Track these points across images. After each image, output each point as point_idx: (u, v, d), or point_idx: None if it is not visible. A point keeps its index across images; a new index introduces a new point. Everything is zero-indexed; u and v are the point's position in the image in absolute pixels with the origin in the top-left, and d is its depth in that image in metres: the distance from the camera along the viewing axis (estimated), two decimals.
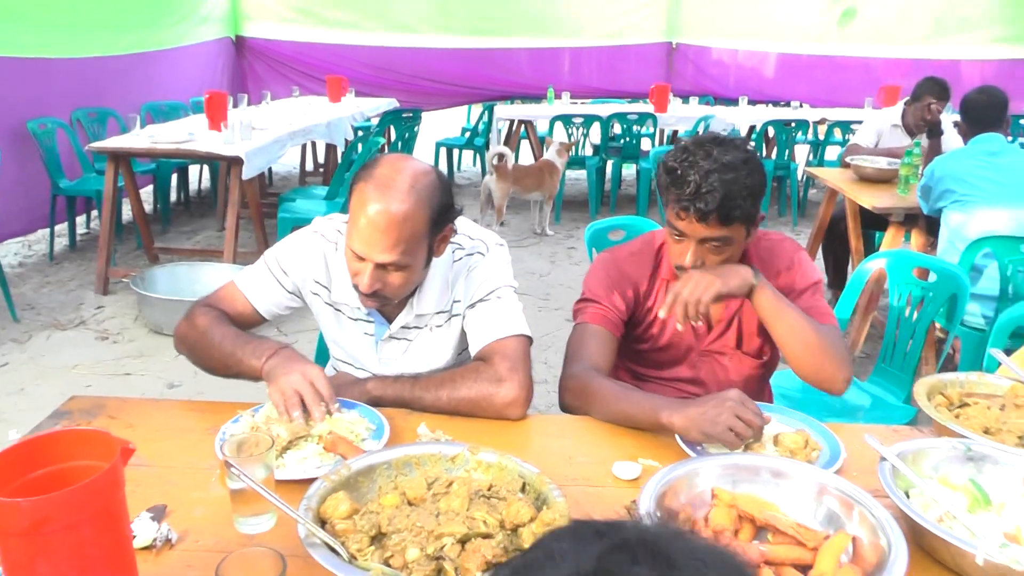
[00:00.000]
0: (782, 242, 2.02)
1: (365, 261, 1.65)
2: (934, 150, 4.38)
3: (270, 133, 5.52)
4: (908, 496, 1.44)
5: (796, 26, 9.49)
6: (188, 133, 5.30)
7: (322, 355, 2.32)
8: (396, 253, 1.63)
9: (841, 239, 4.66)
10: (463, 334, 1.88)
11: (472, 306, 1.85)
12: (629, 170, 8.32)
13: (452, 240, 1.82)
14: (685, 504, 1.35)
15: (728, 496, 1.36)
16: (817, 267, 2.05)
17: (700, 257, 1.80)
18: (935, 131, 4.59)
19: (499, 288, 1.85)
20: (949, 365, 3.43)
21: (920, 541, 1.34)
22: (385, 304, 1.80)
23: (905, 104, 4.96)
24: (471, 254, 1.88)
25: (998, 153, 3.64)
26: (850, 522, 1.32)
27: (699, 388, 2.04)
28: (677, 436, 1.60)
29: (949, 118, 4.84)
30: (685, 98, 8.30)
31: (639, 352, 2.06)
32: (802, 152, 8.15)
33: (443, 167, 8.41)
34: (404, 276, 1.69)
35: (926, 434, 1.70)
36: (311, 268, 1.87)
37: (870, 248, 4.60)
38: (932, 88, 4.78)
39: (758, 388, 2.10)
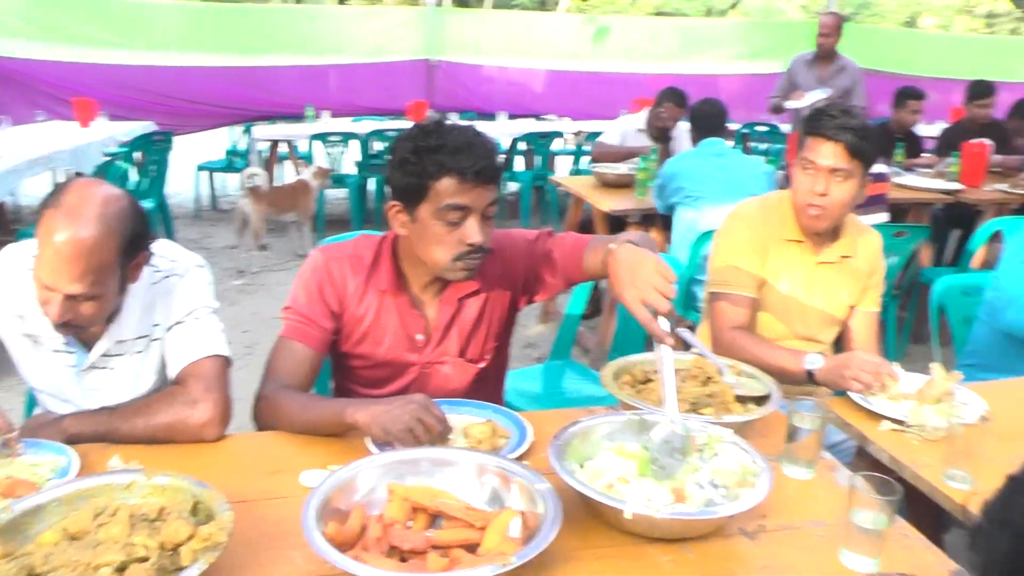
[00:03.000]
0: (509, 234, 2.04)
1: (54, 291, 1.59)
2: (665, 154, 4.80)
3: (4, 162, 5.13)
4: (583, 467, 1.57)
5: (556, 44, 9.97)
6: None
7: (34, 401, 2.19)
8: (84, 284, 1.58)
9: None
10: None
11: (170, 329, 1.81)
12: None
13: (150, 263, 1.77)
14: (359, 503, 1.39)
15: (402, 490, 1.41)
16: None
17: None
18: (665, 136, 5.04)
19: (196, 309, 1.82)
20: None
21: (588, 506, 1.46)
22: (80, 332, 1.74)
23: (649, 112, 5.35)
24: (168, 276, 1.84)
25: (723, 155, 4.16)
26: (510, 495, 1.41)
27: None
28: (367, 439, 1.64)
29: (685, 126, 5.26)
30: (444, 113, 8.49)
31: (356, 370, 2.01)
32: (564, 163, 8.55)
33: (204, 191, 8.11)
34: (95, 306, 1.64)
35: (618, 410, 1.83)
36: (5, 298, 1.78)
37: None
38: (671, 97, 5.19)
39: (487, 394, 2.06)
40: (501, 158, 1.81)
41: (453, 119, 1.87)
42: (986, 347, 2.73)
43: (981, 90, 6.07)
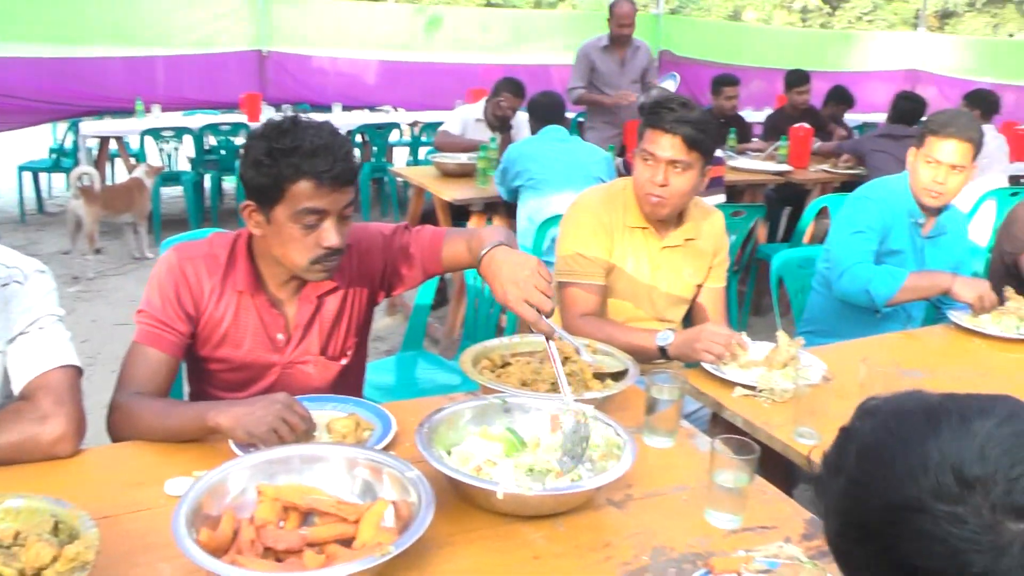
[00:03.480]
0: (366, 228, 2.00)
1: None
2: (506, 142, 4.83)
3: None
4: (450, 453, 1.55)
5: (388, 34, 9.86)
6: None
7: None
8: None
9: None
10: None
11: (12, 341, 1.65)
12: (231, 183, 8.07)
13: None
14: (229, 507, 1.32)
15: (272, 490, 1.35)
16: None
17: None
18: (505, 125, 5.08)
19: (41, 318, 1.66)
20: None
21: (459, 491, 1.44)
22: None
23: (486, 101, 5.37)
24: (7, 284, 1.66)
25: (564, 140, 4.24)
26: (382, 486, 1.38)
27: None
28: (231, 441, 1.57)
29: (524, 116, 5.31)
30: (278, 106, 8.24)
31: (214, 374, 1.92)
32: (401, 154, 8.48)
33: (28, 194, 7.52)
34: None
35: (479, 395, 1.82)
36: None
37: None
38: (508, 86, 5.23)
39: (347, 391, 2.00)
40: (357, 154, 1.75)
41: (286, 111, 1.80)
42: (822, 314, 2.93)
43: (798, 78, 6.53)
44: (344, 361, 1.98)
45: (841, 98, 6.82)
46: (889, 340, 2.56)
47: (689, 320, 2.58)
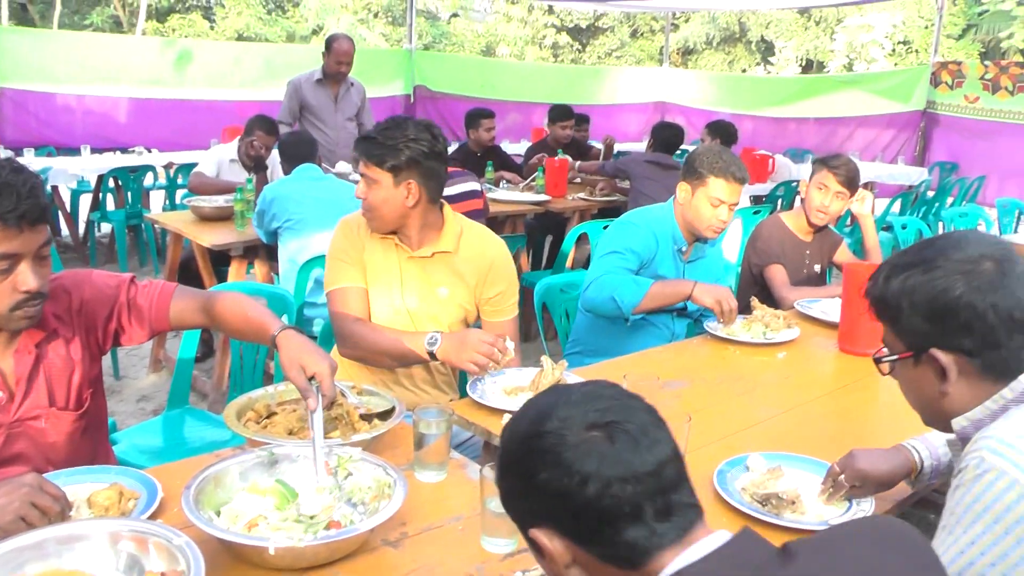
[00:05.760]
0: (89, 276, 1.94)
1: None
2: (261, 182, 4.75)
3: None
4: (219, 514, 1.53)
5: (136, 70, 9.40)
6: None
7: None
8: None
9: (196, 279, 4.74)
10: None
11: None
12: None
13: None
14: None
15: None
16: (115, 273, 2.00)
17: None
18: (260, 165, 5.01)
19: None
20: None
21: (232, 551, 1.43)
22: None
23: (239, 140, 5.25)
24: None
25: (319, 179, 4.24)
26: (149, 558, 1.34)
27: (23, 465, 1.86)
28: None
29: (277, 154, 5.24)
30: (18, 149, 7.56)
31: None
32: (158, 198, 8.09)
33: None
34: None
35: (246, 449, 1.79)
36: None
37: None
38: (260, 124, 5.12)
39: (91, 446, 1.96)
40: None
41: (28, 156, 1.72)
42: (588, 334, 3.13)
43: (561, 113, 6.86)
44: (80, 412, 1.89)
45: (574, 118, 7.04)
46: (651, 354, 2.77)
47: None
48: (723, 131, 6.04)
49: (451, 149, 7.53)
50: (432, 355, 2.24)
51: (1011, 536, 1.23)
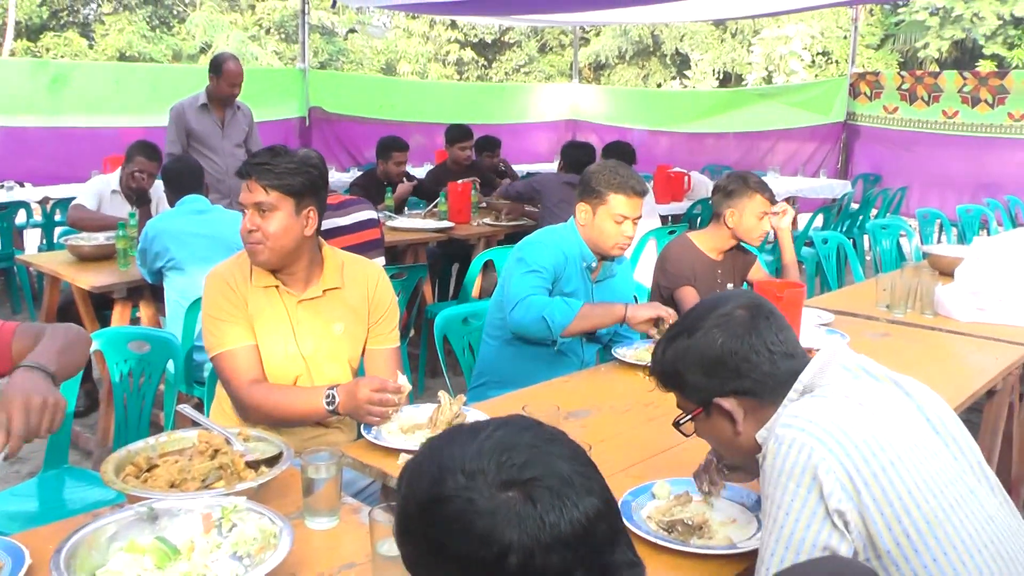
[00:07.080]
0: None
1: None
2: (145, 216, 4.64)
3: None
4: None
5: (7, 95, 9.09)
6: None
7: None
8: None
9: (77, 323, 4.63)
10: None
11: None
12: None
13: None
14: None
15: None
16: None
17: None
18: (143, 198, 4.91)
19: None
20: None
21: None
22: None
23: (121, 170, 5.15)
24: None
25: (204, 211, 4.12)
26: None
27: None
28: None
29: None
30: None
31: None
32: (34, 237, 7.84)
33: None
34: None
35: (125, 506, 1.78)
36: None
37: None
38: (142, 151, 5.00)
39: None
40: None
41: None
42: (495, 363, 3.18)
43: (459, 134, 6.82)
44: None
45: (487, 145, 7.07)
46: (554, 385, 2.80)
47: None
48: (621, 152, 5.94)
49: (355, 175, 7.43)
50: (335, 412, 2.27)
51: (813, 494, 1.40)
